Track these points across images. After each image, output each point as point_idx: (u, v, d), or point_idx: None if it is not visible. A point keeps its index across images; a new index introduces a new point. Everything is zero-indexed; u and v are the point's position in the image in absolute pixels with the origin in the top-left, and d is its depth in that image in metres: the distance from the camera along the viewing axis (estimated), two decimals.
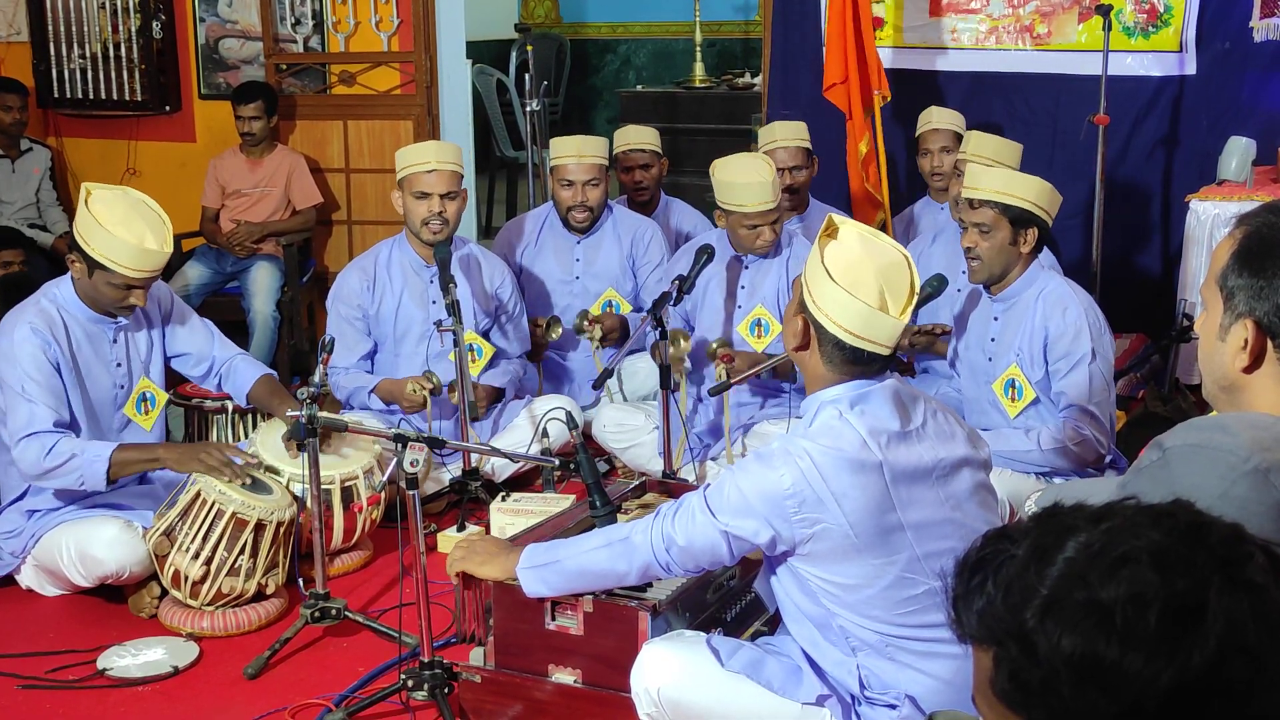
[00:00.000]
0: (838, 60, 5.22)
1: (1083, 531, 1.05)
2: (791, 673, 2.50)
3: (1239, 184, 4.83)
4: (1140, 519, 1.06)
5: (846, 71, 5.17)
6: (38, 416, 3.47)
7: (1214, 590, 1.00)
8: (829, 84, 5.26)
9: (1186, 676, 0.98)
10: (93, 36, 6.58)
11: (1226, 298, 1.72)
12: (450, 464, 4.34)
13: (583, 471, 2.95)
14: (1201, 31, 5.24)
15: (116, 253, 3.47)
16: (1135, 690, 0.98)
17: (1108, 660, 0.99)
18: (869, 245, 2.40)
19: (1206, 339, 1.77)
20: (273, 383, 3.94)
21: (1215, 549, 1.03)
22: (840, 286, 2.34)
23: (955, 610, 1.10)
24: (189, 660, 3.32)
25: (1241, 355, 1.70)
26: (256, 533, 3.47)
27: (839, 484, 2.32)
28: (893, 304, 2.36)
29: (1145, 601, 0.99)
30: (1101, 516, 1.07)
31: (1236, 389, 1.74)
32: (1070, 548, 1.04)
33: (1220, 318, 1.73)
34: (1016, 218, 3.67)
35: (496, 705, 2.83)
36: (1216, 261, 1.76)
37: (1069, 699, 1.01)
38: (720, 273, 4.38)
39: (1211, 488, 1.55)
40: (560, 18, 10.39)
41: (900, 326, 2.37)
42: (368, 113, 6.28)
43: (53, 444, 3.45)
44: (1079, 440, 3.62)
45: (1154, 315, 5.21)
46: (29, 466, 3.47)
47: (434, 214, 4.30)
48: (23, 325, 3.54)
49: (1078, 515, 1.08)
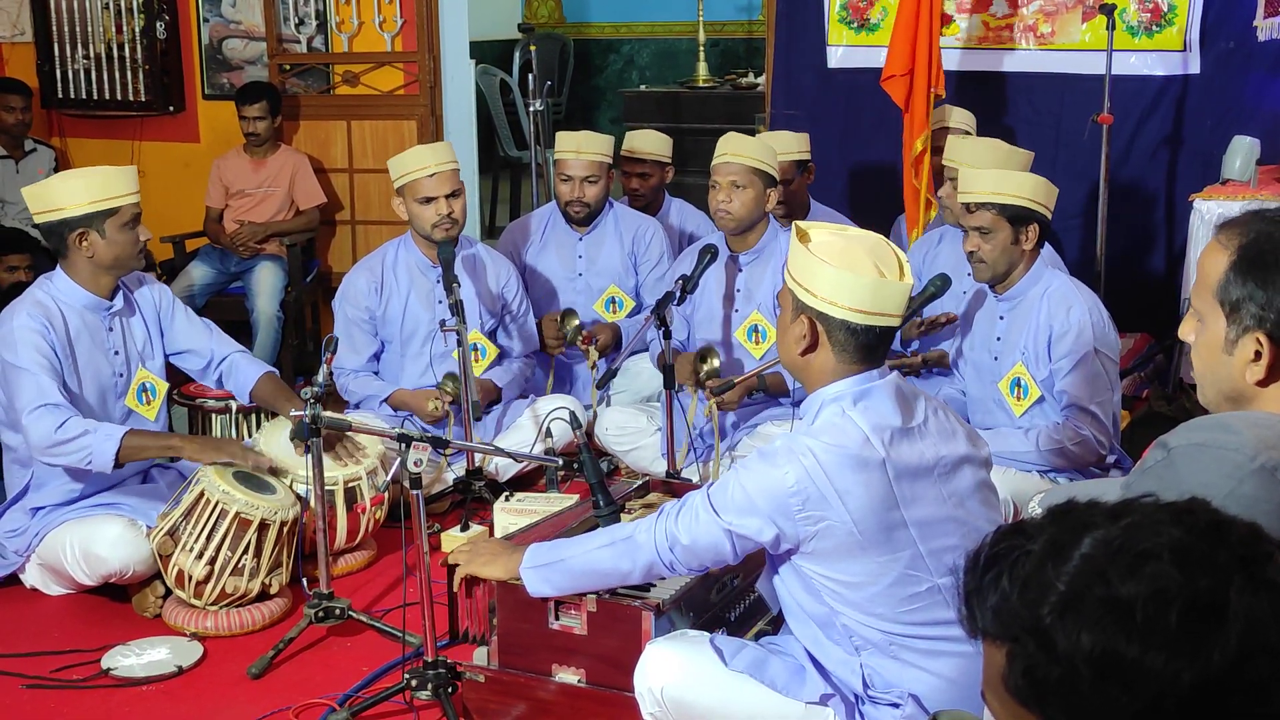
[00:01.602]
0: (904, 52, 4.97)
1: (1100, 528, 1.05)
2: (795, 672, 2.50)
3: (1243, 183, 4.82)
4: (1160, 516, 1.05)
5: (912, 64, 4.94)
6: (46, 388, 3.46)
7: (1235, 589, 0.99)
8: (888, 74, 5.02)
9: (1208, 675, 0.97)
10: (97, 37, 6.59)
11: (1230, 310, 1.70)
12: (454, 464, 4.34)
13: (586, 471, 2.95)
14: (1205, 31, 5.23)
15: (93, 190, 3.53)
16: (1156, 688, 0.98)
17: (1128, 658, 0.98)
18: (846, 235, 2.48)
19: (1208, 351, 1.75)
20: (276, 380, 3.94)
21: (1236, 547, 1.02)
22: (838, 269, 2.37)
23: (968, 605, 1.09)
24: (193, 660, 3.32)
25: (1254, 368, 1.69)
26: (260, 532, 3.47)
27: (842, 481, 2.32)
28: (889, 273, 2.39)
29: (1167, 599, 0.99)
30: (1119, 513, 1.06)
31: (1245, 400, 1.73)
32: (1088, 544, 1.04)
33: (1224, 330, 1.71)
34: (1015, 216, 3.67)
35: (500, 705, 2.83)
36: (1209, 272, 1.73)
37: (1087, 696, 1.00)
38: (717, 275, 4.38)
39: (1219, 487, 1.55)
40: (563, 18, 10.40)
41: (906, 289, 2.40)
42: (371, 113, 6.28)
43: (66, 418, 3.44)
44: (1078, 440, 3.62)
45: (1158, 315, 5.21)
46: (40, 437, 3.44)
47: (443, 216, 4.32)
48: (20, 314, 3.54)
49: (1094, 512, 1.08)
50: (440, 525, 4.06)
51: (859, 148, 5.81)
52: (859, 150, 5.82)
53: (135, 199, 3.62)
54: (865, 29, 5.78)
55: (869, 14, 5.77)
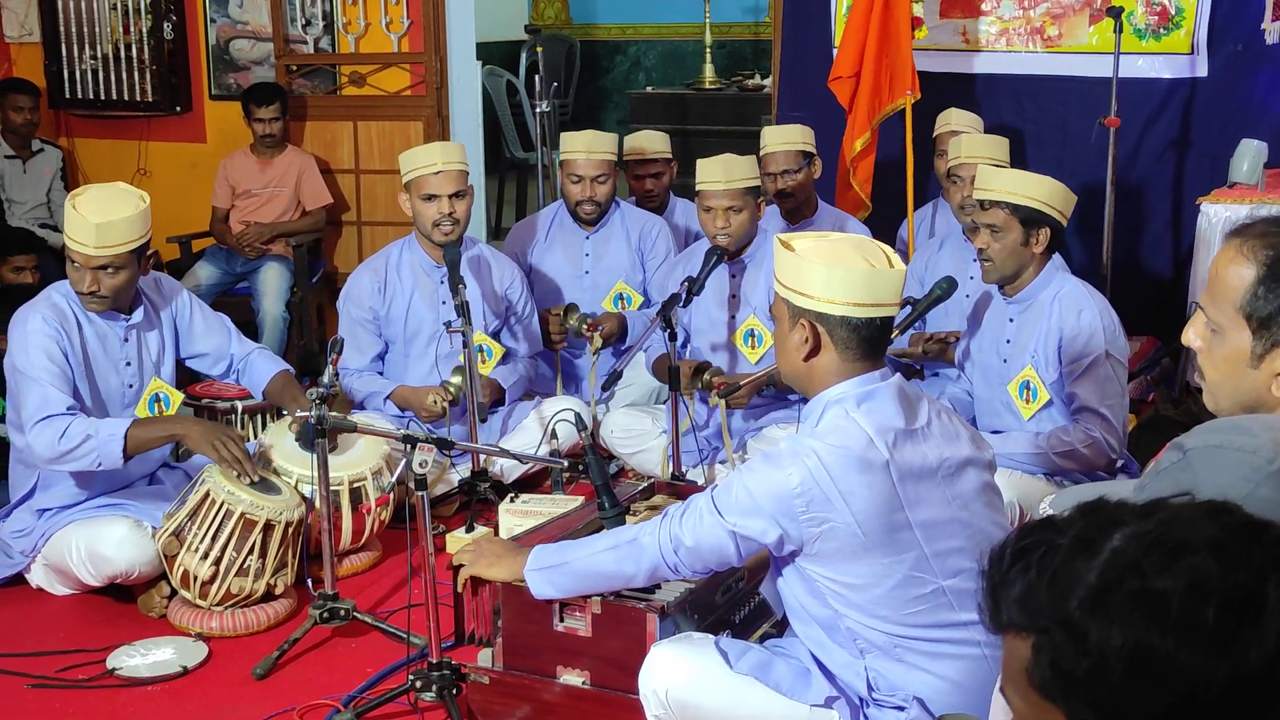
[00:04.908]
0: (852, 54, 5.11)
1: (1132, 524, 1.03)
2: (800, 674, 2.50)
3: (1250, 187, 4.81)
4: (1194, 513, 1.04)
5: (859, 67, 5.07)
6: (51, 400, 3.46)
7: (1273, 585, 0.98)
8: (835, 75, 5.17)
9: (1243, 672, 0.96)
10: (104, 37, 6.60)
11: (1259, 325, 1.68)
12: (459, 465, 4.34)
13: (591, 473, 2.95)
14: (1213, 33, 5.22)
15: (69, 226, 3.49)
16: (1189, 684, 0.96)
17: (1162, 652, 0.96)
18: (829, 238, 2.54)
19: (1228, 364, 1.72)
20: (288, 378, 3.95)
21: (1271, 547, 1.01)
22: (830, 266, 2.39)
23: (992, 598, 1.07)
24: (198, 660, 3.33)
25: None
26: (265, 533, 3.48)
27: (846, 483, 2.32)
28: (878, 264, 2.42)
29: (1204, 593, 0.97)
30: (1151, 510, 1.05)
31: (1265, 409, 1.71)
32: (1120, 538, 1.02)
33: (1249, 344, 1.69)
34: (1027, 218, 3.65)
35: (504, 706, 2.83)
36: (1230, 284, 1.69)
37: (1116, 690, 0.98)
38: (713, 280, 4.36)
39: (1236, 489, 1.53)
40: (570, 19, 10.40)
41: (899, 275, 2.42)
42: (378, 114, 6.29)
43: (66, 426, 3.43)
44: (1089, 443, 3.61)
45: (1164, 318, 5.19)
46: (44, 450, 3.44)
47: (444, 215, 4.32)
48: (35, 316, 3.55)
49: (1124, 509, 1.06)
50: (445, 526, 4.06)
51: None
52: None
53: (84, 251, 3.46)
54: None
55: None
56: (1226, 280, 1.71)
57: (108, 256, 3.48)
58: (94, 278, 3.51)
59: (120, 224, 3.47)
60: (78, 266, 3.51)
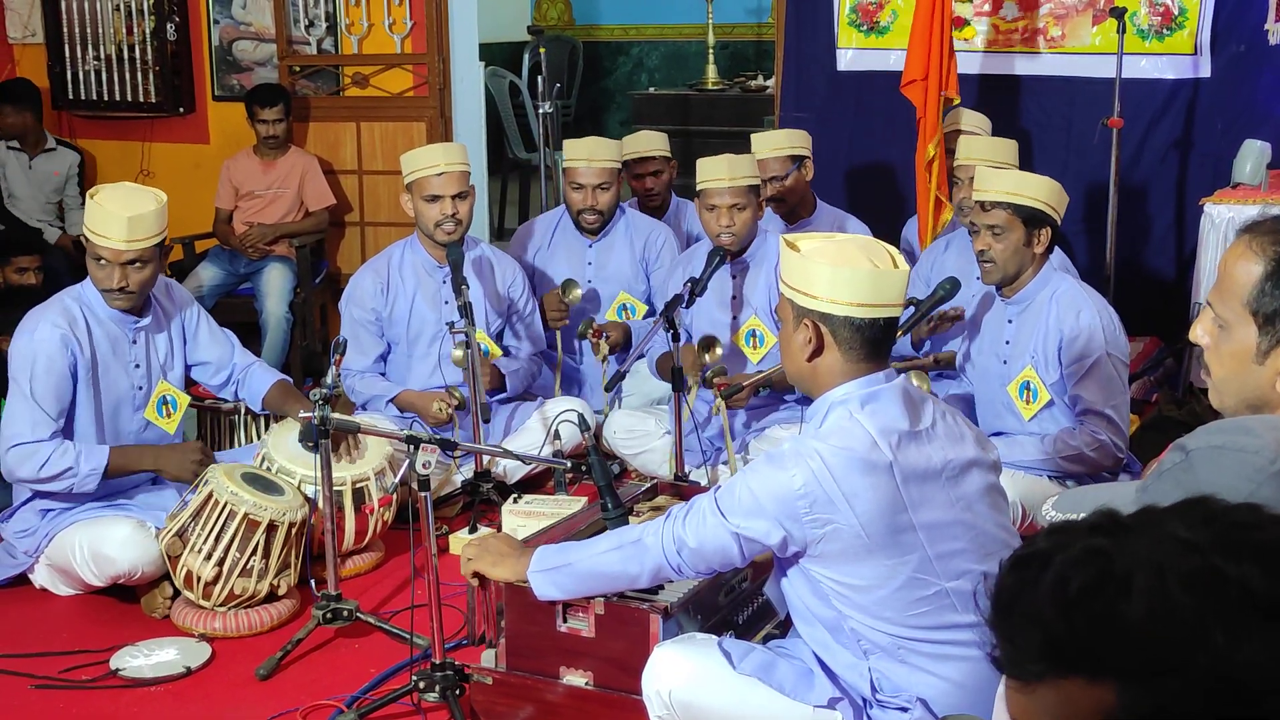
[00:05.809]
0: (920, 56, 4.97)
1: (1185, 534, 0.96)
2: (803, 675, 2.50)
3: (1253, 187, 4.81)
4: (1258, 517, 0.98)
5: (928, 69, 4.94)
6: (37, 422, 3.51)
7: None
8: (908, 80, 5.02)
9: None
10: (107, 38, 6.60)
11: (1264, 321, 1.68)
12: (462, 465, 4.34)
13: (594, 473, 2.95)
14: (1216, 34, 5.22)
15: (94, 222, 3.51)
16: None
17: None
18: (834, 239, 2.55)
19: (1234, 360, 1.72)
20: (286, 387, 3.99)
21: None
22: (834, 266, 2.39)
23: (1049, 647, 0.95)
24: (201, 661, 3.33)
25: None
26: (268, 534, 3.48)
27: (850, 484, 2.32)
28: (882, 265, 2.42)
29: None
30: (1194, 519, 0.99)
31: (1269, 407, 1.71)
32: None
33: (1255, 340, 1.69)
34: (1029, 218, 3.66)
35: (508, 707, 2.83)
36: (1239, 280, 1.70)
37: None
38: (714, 281, 4.36)
39: (1239, 490, 1.54)
40: (573, 20, 10.40)
41: (903, 276, 2.43)
42: (381, 115, 6.29)
43: (48, 456, 3.50)
44: (1096, 445, 3.61)
45: (1167, 318, 5.19)
46: (22, 473, 3.54)
47: (447, 216, 4.32)
48: (45, 323, 3.56)
49: (1156, 515, 0.99)
50: (449, 527, 4.06)
51: (868, 150, 5.80)
52: (868, 153, 5.81)
53: (110, 246, 3.50)
54: (875, 31, 5.78)
55: (878, 16, 5.76)
56: (1235, 276, 1.71)
57: (137, 250, 3.52)
58: (123, 273, 3.54)
59: (148, 217, 3.53)
60: (104, 263, 3.54)
